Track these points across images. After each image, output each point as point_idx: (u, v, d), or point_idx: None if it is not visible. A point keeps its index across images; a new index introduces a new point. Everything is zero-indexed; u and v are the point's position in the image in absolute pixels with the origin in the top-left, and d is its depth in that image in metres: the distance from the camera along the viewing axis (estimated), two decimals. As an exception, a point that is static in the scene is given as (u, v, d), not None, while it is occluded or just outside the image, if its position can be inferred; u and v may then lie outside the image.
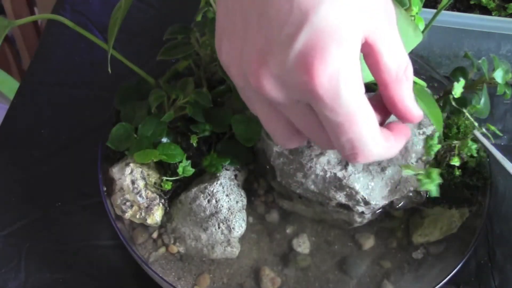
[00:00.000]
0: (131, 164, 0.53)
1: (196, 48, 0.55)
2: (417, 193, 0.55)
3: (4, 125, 0.68)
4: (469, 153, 0.53)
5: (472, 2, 0.71)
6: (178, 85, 0.56)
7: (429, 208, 0.55)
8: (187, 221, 0.53)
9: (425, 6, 0.60)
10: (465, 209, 0.54)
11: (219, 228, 0.52)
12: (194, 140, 0.54)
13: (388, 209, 0.55)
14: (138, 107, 0.56)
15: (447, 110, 0.57)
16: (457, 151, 0.54)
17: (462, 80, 0.54)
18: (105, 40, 0.59)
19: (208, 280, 0.53)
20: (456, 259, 0.51)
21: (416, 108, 0.37)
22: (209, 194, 0.53)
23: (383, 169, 0.53)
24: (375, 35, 0.34)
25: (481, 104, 0.56)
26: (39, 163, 0.65)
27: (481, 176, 0.55)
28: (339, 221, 0.55)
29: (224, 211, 0.52)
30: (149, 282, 0.53)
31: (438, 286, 0.50)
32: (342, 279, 0.53)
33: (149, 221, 0.53)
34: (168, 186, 0.54)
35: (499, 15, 0.69)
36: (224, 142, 0.56)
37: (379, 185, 0.52)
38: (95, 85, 0.71)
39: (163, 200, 0.54)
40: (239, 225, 0.53)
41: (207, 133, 0.54)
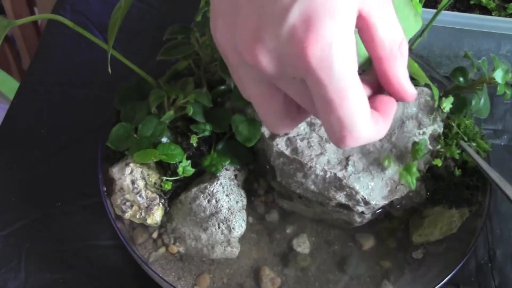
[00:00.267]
0: (131, 164, 0.53)
1: (196, 48, 0.55)
2: (417, 193, 0.55)
3: (4, 125, 0.68)
4: (454, 155, 0.55)
5: (472, 2, 0.71)
6: (178, 85, 0.56)
7: (429, 208, 0.55)
8: (187, 221, 0.53)
9: (425, 6, 0.60)
10: (465, 209, 0.54)
11: (219, 228, 0.52)
12: (194, 140, 0.54)
13: (388, 209, 0.55)
14: (138, 107, 0.56)
15: (447, 109, 0.57)
16: (443, 155, 0.55)
17: (450, 97, 0.56)
18: (105, 40, 0.59)
19: (208, 280, 0.53)
20: (456, 259, 0.51)
21: (410, 86, 0.37)
22: (209, 194, 0.53)
23: (383, 169, 0.53)
24: (370, 8, 0.34)
25: (481, 104, 0.56)
26: (39, 163, 0.65)
27: (481, 176, 0.55)
28: (339, 221, 0.55)
29: (224, 211, 0.52)
30: (149, 282, 0.53)
31: (438, 286, 0.50)
32: (342, 279, 0.53)
33: (149, 221, 0.53)
34: (168, 186, 0.54)
35: (499, 15, 0.70)
36: (224, 142, 0.56)
37: (379, 185, 0.52)
38: (95, 85, 0.71)
39: (163, 200, 0.54)
40: (239, 225, 0.53)
41: (207, 133, 0.54)
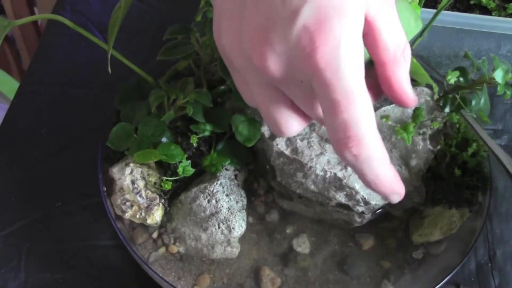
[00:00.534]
0: (131, 164, 0.53)
1: (196, 48, 0.55)
2: (417, 193, 0.55)
3: (4, 125, 0.68)
4: (453, 119, 0.54)
5: (472, 2, 0.71)
6: (178, 85, 0.56)
7: (429, 208, 0.55)
8: (187, 221, 0.53)
9: (425, 6, 0.60)
10: (465, 209, 0.54)
11: (219, 228, 0.52)
12: (194, 140, 0.54)
13: (388, 209, 0.55)
14: (138, 107, 0.56)
15: (447, 109, 0.57)
16: (443, 120, 0.55)
17: (456, 71, 0.54)
18: (105, 40, 0.59)
19: (208, 280, 0.53)
20: (456, 259, 0.51)
21: (412, 92, 0.37)
22: (209, 194, 0.53)
23: (383, 169, 0.53)
24: (375, 12, 0.34)
25: (481, 104, 0.56)
26: (39, 163, 0.65)
27: (481, 176, 0.55)
28: (339, 221, 0.55)
29: (224, 211, 0.52)
30: (149, 282, 0.53)
31: (438, 286, 0.50)
32: (342, 279, 0.53)
33: (149, 221, 0.53)
34: (168, 186, 0.54)
35: (499, 15, 0.70)
36: (224, 142, 0.56)
37: (379, 185, 0.52)
38: (95, 85, 0.71)
39: (163, 200, 0.54)
40: (239, 225, 0.53)
41: (207, 133, 0.54)
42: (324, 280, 0.53)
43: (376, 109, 0.55)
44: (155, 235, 0.54)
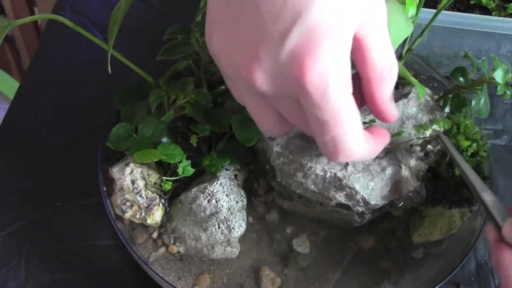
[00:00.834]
0: (131, 164, 0.53)
1: (196, 48, 0.55)
2: (417, 193, 0.55)
3: (4, 125, 0.68)
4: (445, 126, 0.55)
5: (472, 2, 0.71)
6: (178, 85, 0.56)
7: (429, 208, 0.55)
8: (187, 221, 0.53)
9: (425, 6, 0.60)
10: (465, 209, 0.54)
11: (219, 228, 0.52)
12: (194, 140, 0.54)
13: (388, 209, 0.55)
14: (138, 107, 0.56)
15: (447, 109, 0.57)
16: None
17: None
18: (105, 40, 0.59)
19: (208, 280, 0.53)
20: (456, 259, 0.51)
21: (393, 110, 0.38)
22: (209, 194, 0.53)
23: (383, 169, 0.53)
24: (366, 31, 0.34)
25: (481, 104, 0.56)
26: (39, 163, 0.65)
27: (481, 176, 0.55)
28: (339, 221, 0.55)
29: (224, 211, 0.52)
30: (149, 282, 0.53)
31: (438, 286, 0.50)
32: (342, 279, 0.53)
33: (149, 221, 0.53)
34: (168, 186, 0.54)
35: (499, 15, 0.70)
36: (224, 142, 0.56)
37: (379, 185, 0.52)
38: (95, 85, 0.71)
39: (163, 200, 0.54)
40: (239, 225, 0.53)
41: (207, 133, 0.54)
42: (324, 280, 0.53)
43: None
44: (155, 235, 0.54)
